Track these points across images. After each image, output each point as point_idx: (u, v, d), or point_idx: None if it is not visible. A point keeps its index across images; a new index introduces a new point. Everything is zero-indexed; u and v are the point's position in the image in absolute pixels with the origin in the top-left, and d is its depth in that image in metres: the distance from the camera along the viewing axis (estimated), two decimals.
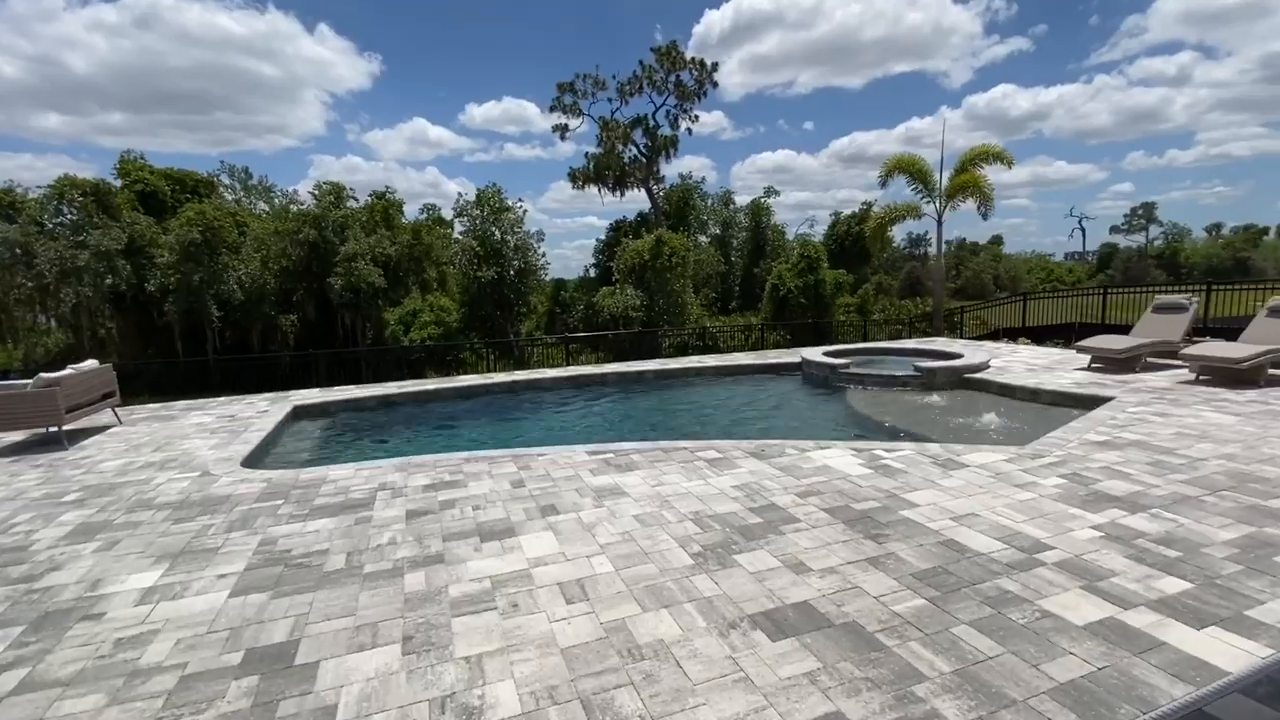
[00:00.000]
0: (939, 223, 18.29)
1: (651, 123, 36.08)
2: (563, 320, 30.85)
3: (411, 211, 31.72)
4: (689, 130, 36.69)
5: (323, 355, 16.01)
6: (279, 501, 4.94)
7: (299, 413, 9.13)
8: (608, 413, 9.75)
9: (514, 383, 11.00)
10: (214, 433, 7.60)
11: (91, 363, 7.92)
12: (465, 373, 19.86)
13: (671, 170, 40.74)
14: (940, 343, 13.86)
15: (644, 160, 36.66)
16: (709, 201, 43.03)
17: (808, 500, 4.57)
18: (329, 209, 26.28)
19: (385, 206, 28.82)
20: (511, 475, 5.42)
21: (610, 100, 35.56)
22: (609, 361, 18.43)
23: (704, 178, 42.13)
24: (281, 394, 10.50)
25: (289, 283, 25.63)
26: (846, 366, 10.16)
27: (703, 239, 40.33)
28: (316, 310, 26.38)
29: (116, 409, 8.54)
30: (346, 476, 5.53)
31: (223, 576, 3.67)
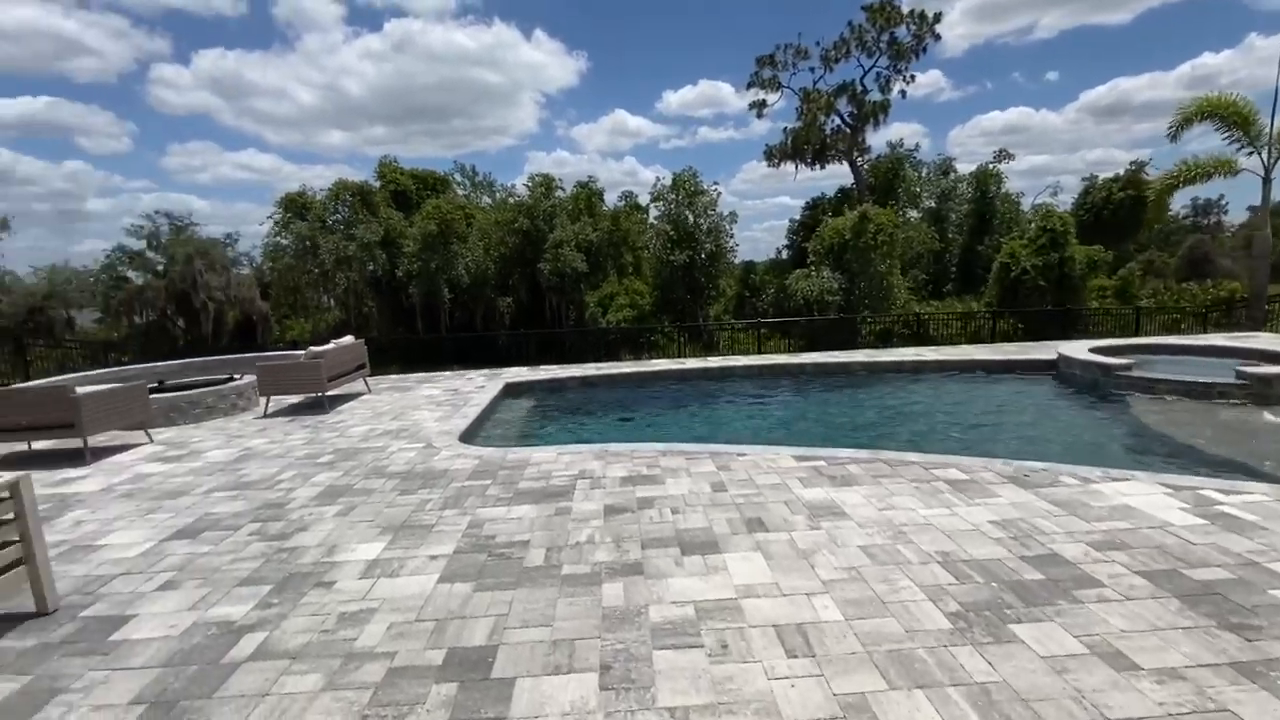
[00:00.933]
0: (1265, 180, 13.91)
1: (859, 88, 33.12)
2: (751, 304, 29.94)
3: (611, 199, 33.06)
4: (902, 93, 33.04)
5: (532, 335, 17.23)
6: (487, 482, 5.03)
7: (510, 389, 9.68)
8: (809, 409, 8.88)
9: (706, 369, 10.59)
10: (439, 405, 8.30)
11: (349, 338, 9.15)
12: (656, 355, 20.10)
13: (878, 140, 36.97)
14: (1264, 339, 10.48)
15: (847, 130, 33.87)
16: (922, 171, 38.50)
17: (1109, 555, 3.40)
18: (540, 200, 28.38)
19: (588, 195, 30.34)
20: (710, 476, 4.95)
21: (813, 69, 33.34)
22: (801, 349, 17.24)
23: (917, 144, 37.67)
24: (496, 371, 11.33)
25: (506, 268, 28.27)
26: (1128, 368, 7.99)
27: (913, 214, 36.29)
28: (528, 293, 28.78)
29: (367, 379, 9.82)
30: (548, 460, 5.52)
31: (434, 558, 3.71)
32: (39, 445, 6.80)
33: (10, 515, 3.11)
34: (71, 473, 5.83)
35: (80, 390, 6.13)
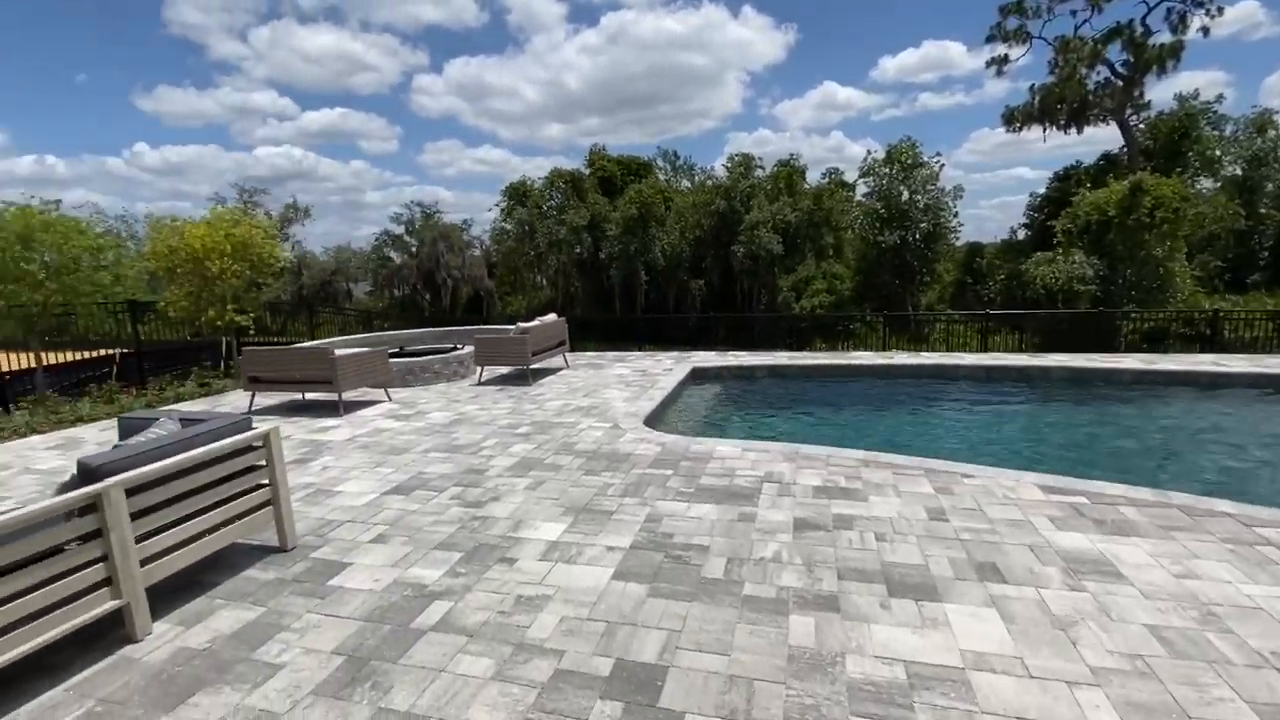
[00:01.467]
0: None
1: (1138, 29, 26.84)
2: (974, 292, 26.24)
3: (813, 178, 31.20)
4: (1203, 30, 26.05)
5: (722, 319, 16.93)
6: (668, 472, 4.81)
7: (696, 374, 9.47)
8: (1056, 425, 7.30)
9: (918, 366, 9.30)
10: (628, 385, 8.37)
11: (552, 316, 9.66)
12: (855, 346, 18.53)
13: (1161, 93, 29.73)
14: None
15: (1118, 83, 27.71)
16: (1225, 130, 30.17)
17: None
18: (738, 180, 27.81)
19: (789, 174, 28.98)
20: (926, 498, 4.15)
21: (1074, 12, 27.75)
22: (1036, 348, 14.57)
23: (1219, 96, 29.36)
24: (684, 353, 11.22)
25: (700, 250, 28.30)
26: None
27: (1207, 183, 28.76)
28: (720, 276, 28.54)
29: (566, 355, 10.32)
30: (733, 456, 5.13)
31: (611, 550, 3.55)
32: (310, 396, 8.19)
33: (263, 462, 3.58)
34: (328, 422, 6.89)
35: (338, 352, 7.20)
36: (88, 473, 2.81)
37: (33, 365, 9.09)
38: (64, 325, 9.78)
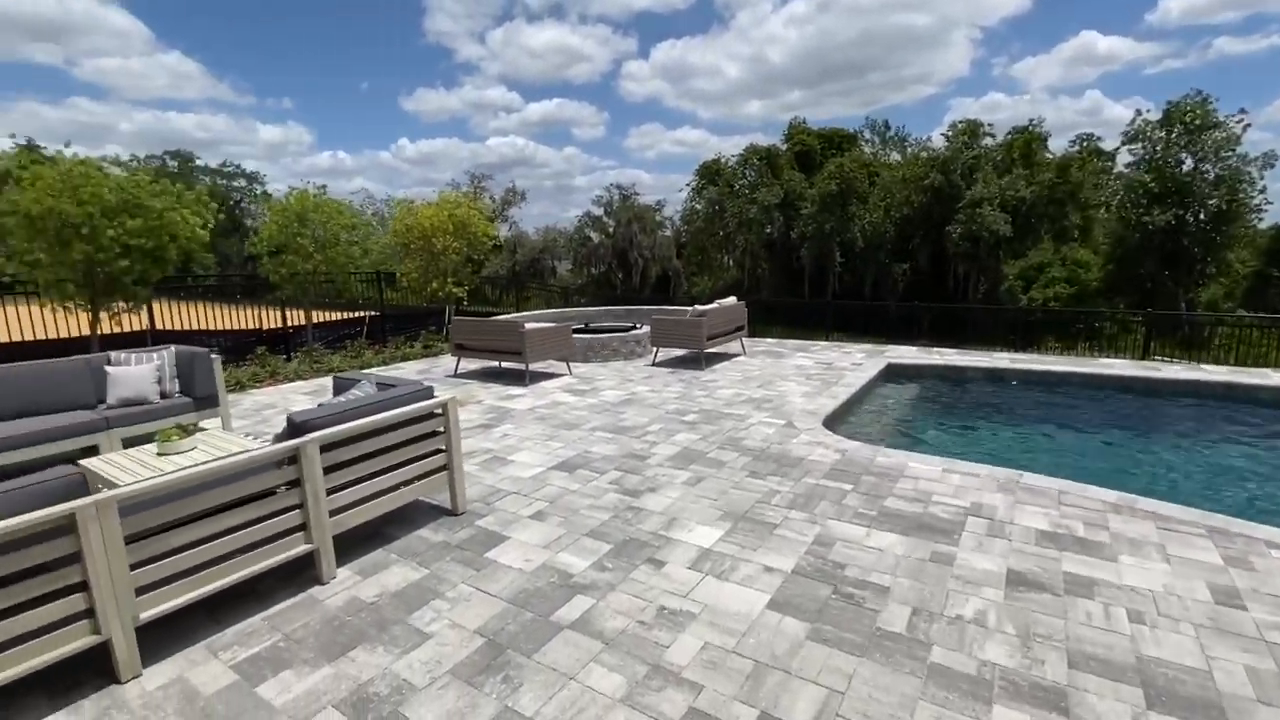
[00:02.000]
0: None
1: None
2: None
3: (1057, 146, 26.28)
4: None
5: (928, 308, 15.06)
6: (847, 486, 4.21)
7: (891, 372, 8.43)
8: None
9: (1198, 383, 7.23)
10: (809, 378, 7.70)
11: (731, 300, 9.26)
12: (1100, 350, 15.30)
13: None
14: None
15: None
16: None
17: None
18: (960, 150, 24.45)
19: (1026, 141, 24.78)
20: (1210, 570, 3.06)
21: None
22: None
23: None
24: (879, 346, 10.10)
25: (907, 230, 25.57)
26: None
27: None
28: (930, 260, 25.56)
29: (743, 340, 9.87)
30: (930, 476, 4.34)
31: (769, 570, 3.14)
32: (506, 364, 8.82)
33: (441, 429, 3.77)
34: (515, 391, 7.33)
35: (527, 326, 7.60)
36: (293, 427, 3.13)
37: (304, 323, 11.12)
38: (328, 290, 11.78)
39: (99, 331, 8.27)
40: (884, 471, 4.45)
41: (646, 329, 9.38)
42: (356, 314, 13.97)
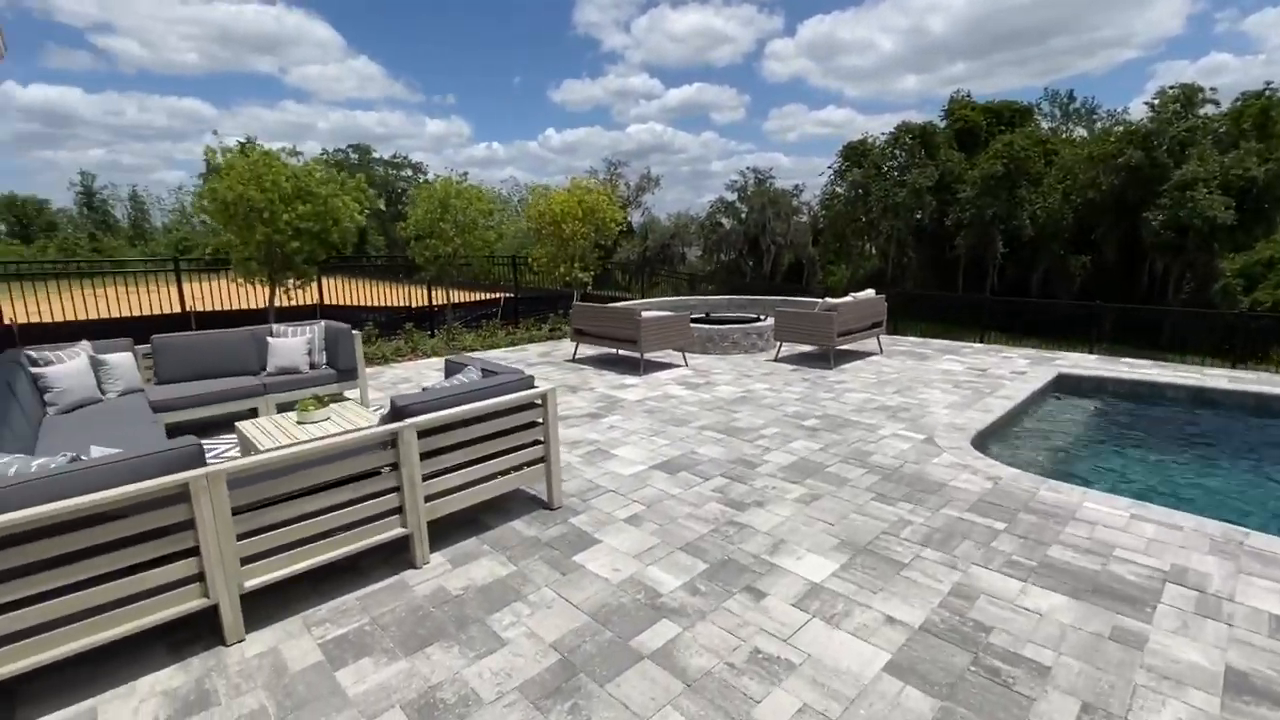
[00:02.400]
0: None
1: None
2: None
3: None
4: None
5: (1112, 309, 12.86)
6: (999, 525, 3.52)
7: (1063, 383, 7.19)
8: None
9: None
10: (957, 386, 6.76)
11: (869, 293, 8.40)
12: None
13: None
14: None
15: None
16: None
17: None
18: (1169, 122, 20.58)
19: (1262, 109, 20.27)
20: None
21: None
22: None
23: None
24: (1047, 353, 8.71)
25: (1090, 216, 22.11)
26: None
27: None
28: (1119, 251, 21.94)
29: (881, 338, 8.96)
30: (1112, 522, 3.51)
31: (890, 621, 2.65)
32: (623, 352, 8.73)
33: (540, 420, 3.65)
34: (628, 380, 7.18)
35: (643, 314, 7.41)
36: (395, 411, 3.13)
37: (445, 302, 11.88)
38: (465, 272, 12.47)
39: (275, 304, 9.36)
40: (1049, 510, 3.68)
41: (770, 321, 8.82)
42: (493, 296, 14.71)
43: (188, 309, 9.83)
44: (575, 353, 8.71)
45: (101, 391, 5.06)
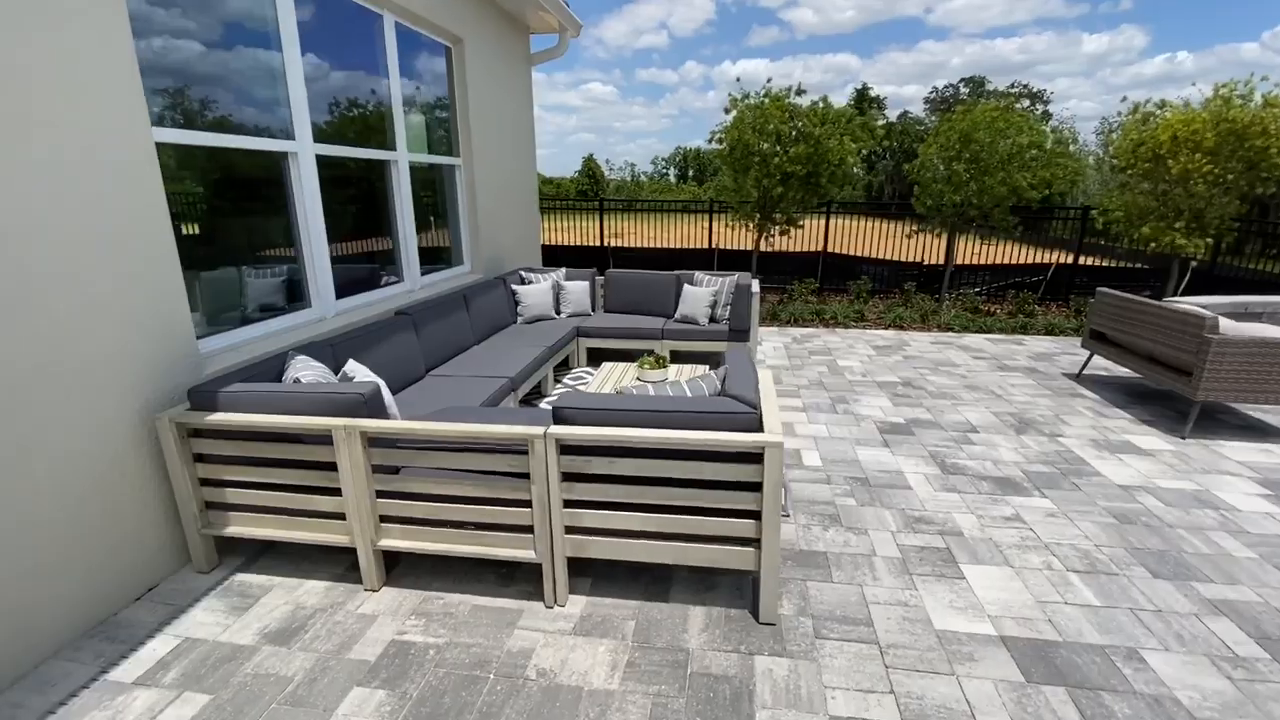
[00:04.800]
0: None
1: None
2: None
3: None
4: None
5: None
6: None
7: None
8: None
9: None
10: None
11: None
12: None
13: None
14: None
15: None
16: None
17: None
18: None
19: None
20: None
21: None
22: None
23: None
24: None
25: None
26: None
27: None
28: None
29: None
30: None
31: None
32: (1165, 385, 5.12)
33: (759, 480, 2.27)
34: (1147, 441, 4.08)
35: (1221, 326, 3.95)
36: (554, 411, 2.46)
37: (963, 261, 9.65)
38: (980, 224, 9.53)
39: (759, 249, 9.52)
40: None
41: None
42: (1043, 259, 11.13)
43: (606, 244, 11.15)
44: (1084, 367, 5.64)
45: (557, 311, 6.14)
